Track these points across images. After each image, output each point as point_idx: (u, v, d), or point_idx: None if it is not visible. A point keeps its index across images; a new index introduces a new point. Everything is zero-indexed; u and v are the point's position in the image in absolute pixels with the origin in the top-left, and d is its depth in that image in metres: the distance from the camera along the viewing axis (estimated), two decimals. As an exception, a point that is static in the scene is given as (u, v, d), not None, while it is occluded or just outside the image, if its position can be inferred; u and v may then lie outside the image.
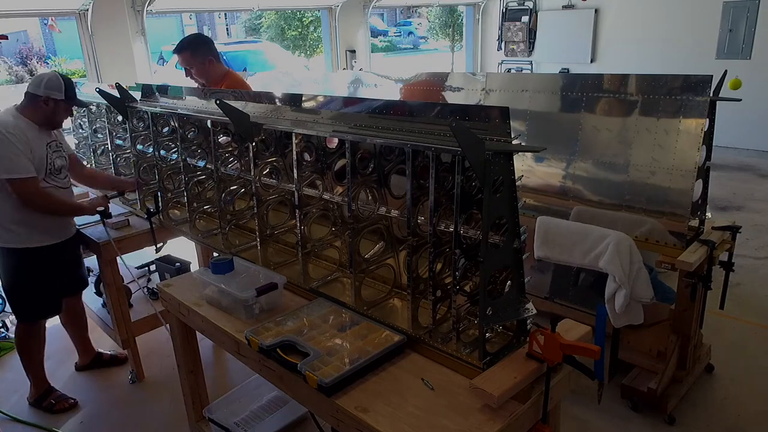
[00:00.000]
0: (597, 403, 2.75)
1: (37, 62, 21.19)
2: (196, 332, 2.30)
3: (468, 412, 1.47)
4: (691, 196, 2.62)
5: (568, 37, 9.67)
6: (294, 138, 2.03)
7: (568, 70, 9.35)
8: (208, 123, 2.40)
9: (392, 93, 4.12)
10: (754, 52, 7.74)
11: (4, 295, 3.08)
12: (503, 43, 10.60)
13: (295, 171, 2.08)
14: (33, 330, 2.99)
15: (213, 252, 2.62)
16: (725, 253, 2.78)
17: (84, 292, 3.68)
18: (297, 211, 2.13)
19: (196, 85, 3.38)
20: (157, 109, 2.72)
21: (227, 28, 25.65)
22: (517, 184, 1.51)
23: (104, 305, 3.38)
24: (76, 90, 2.90)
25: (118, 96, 2.92)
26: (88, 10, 6.62)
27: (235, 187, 2.51)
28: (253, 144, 2.22)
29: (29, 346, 3.02)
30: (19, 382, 3.29)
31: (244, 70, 7.27)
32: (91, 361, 3.43)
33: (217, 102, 2.20)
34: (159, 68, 12.00)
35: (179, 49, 3.31)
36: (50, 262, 2.85)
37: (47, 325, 3.09)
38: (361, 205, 1.92)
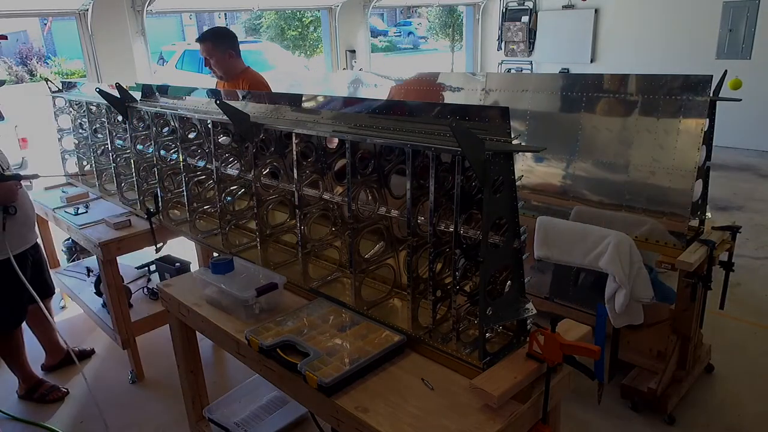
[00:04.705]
0: (597, 403, 2.75)
1: (37, 62, 21.20)
2: (196, 332, 2.30)
3: (468, 412, 1.47)
4: (691, 196, 2.62)
5: (568, 37, 9.67)
6: (294, 138, 2.02)
7: (568, 70, 9.35)
8: (209, 123, 2.40)
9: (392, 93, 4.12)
10: (754, 52, 7.74)
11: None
12: (503, 43, 10.60)
13: (295, 171, 2.08)
14: (7, 339, 3.02)
15: (213, 252, 2.61)
16: (725, 253, 2.78)
17: (82, 292, 3.70)
18: (297, 211, 2.13)
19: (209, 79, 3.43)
20: (157, 109, 2.72)
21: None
22: (517, 184, 1.51)
23: (104, 305, 3.38)
24: None
25: (118, 96, 2.92)
26: (88, 10, 6.62)
27: (235, 187, 2.51)
28: (253, 144, 2.22)
29: (7, 354, 3.08)
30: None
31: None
32: (60, 361, 3.43)
33: (217, 102, 2.20)
34: (159, 68, 12.01)
35: (203, 38, 3.43)
36: (12, 274, 2.76)
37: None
38: (361, 205, 1.92)
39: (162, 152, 2.81)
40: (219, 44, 3.36)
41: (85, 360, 3.54)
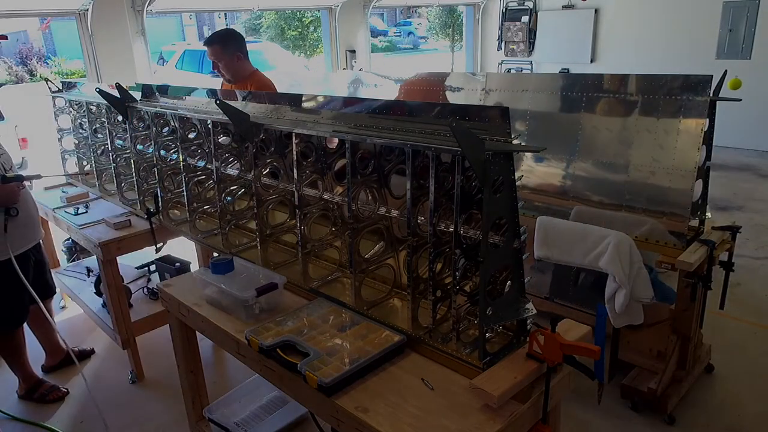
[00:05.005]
0: (597, 403, 2.75)
1: (37, 62, 21.20)
2: (196, 332, 2.30)
3: (468, 412, 1.47)
4: (691, 196, 2.62)
5: (568, 37, 9.68)
6: (294, 138, 2.03)
7: (568, 70, 9.35)
8: (209, 123, 2.40)
9: (392, 93, 4.12)
10: (754, 52, 7.74)
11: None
12: (503, 43, 10.60)
13: (295, 171, 2.08)
14: (8, 338, 3.02)
15: (213, 252, 2.62)
16: (725, 253, 2.78)
17: (82, 292, 3.69)
18: (297, 211, 2.13)
19: (219, 79, 3.51)
20: (157, 109, 2.72)
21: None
22: (517, 184, 1.51)
23: (104, 305, 3.38)
24: None
25: (118, 96, 2.92)
26: (88, 10, 6.62)
27: (235, 187, 2.51)
28: (253, 144, 2.22)
29: (8, 353, 3.08)
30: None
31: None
32: (60, 362, 3.43)
33: (217, 102, 2.20)
34: (159, 68, 12.01)
35: (210, 42, 3.41)
36: (14, 274, 2.75)
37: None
38: (361, 205, 1.92)
39: (162, 152, 2.81)
40: (227, 47, 3.35)
41: (85, 360, 3.54)
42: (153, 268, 3.83)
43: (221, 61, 3.36)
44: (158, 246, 3.00)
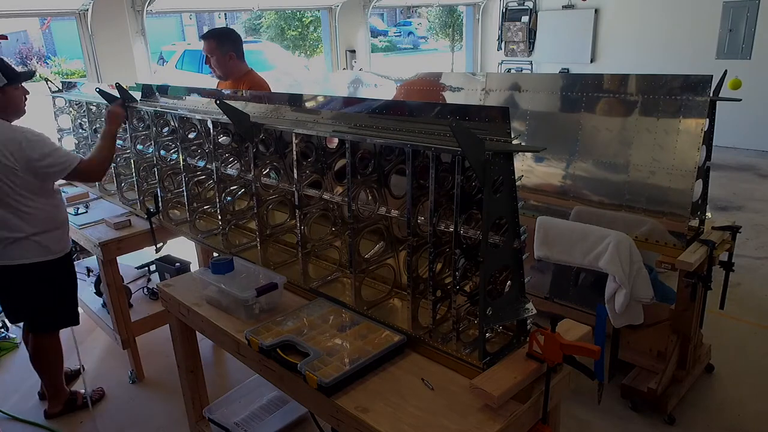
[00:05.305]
0: (597, 403, 2.75)
1: (37, 62, 21.19)
2: (196, 332, 2.30)
3: (468, 412, 1.47)
4: (691, 196, 2.62)
5: (568, 37, 9.67)
6: (294, 138, 2.03)
7: (568, 70, 9.35)
8: (209, 123, 2.40)
9: (392, 93, 4.13)
10: (754, 52, 7.74)
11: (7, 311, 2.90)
12: (503, 43, 10.60)
13: (295, 171, 2.08)
14: (53, 341, 2.88)
15: (213, 252, 2.62)
16: (725, 253, 2.78)
17: (82, 292, 3.69)
18: (297, 211, 2.13)
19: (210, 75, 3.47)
20: (157, 109, 2.72)
21: (227, 28, 25.60)
22: (517, 184, 1.51)
23: (104, 305, 3.38)
24: (9, 64, 2.64)
25: (118, 96, 2.92)
26: (88, 10, 6.62)
27: (235, 187, 2.51)
28: (253, 144, 2.22)
29: (50, 359, 2.91)
30: (19, 382, 3.29)
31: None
32: (63, 407, 3.05)
33: (217, 102, 2.20)
34: (159, 68, 12.00)
35: (206, 36, 3.44)
36: (70, 269, 2.83)
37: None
38: (361, 205, 1.92)
39: (162, 152, 2.81)
40: (221, 44, 3.38)
41: (74, 379, 3.33)
42: (153, 268, 3.84)
43: (214, 56, 3.39)
44: (158, 246, 3.00)
